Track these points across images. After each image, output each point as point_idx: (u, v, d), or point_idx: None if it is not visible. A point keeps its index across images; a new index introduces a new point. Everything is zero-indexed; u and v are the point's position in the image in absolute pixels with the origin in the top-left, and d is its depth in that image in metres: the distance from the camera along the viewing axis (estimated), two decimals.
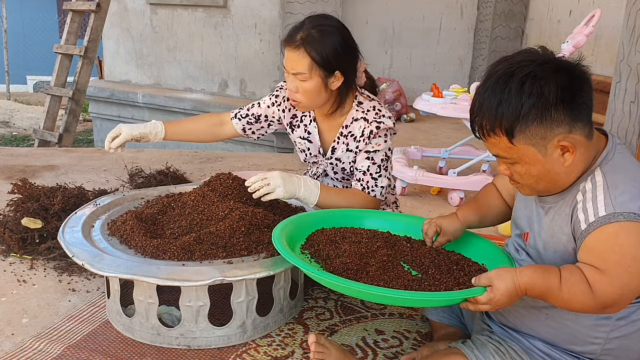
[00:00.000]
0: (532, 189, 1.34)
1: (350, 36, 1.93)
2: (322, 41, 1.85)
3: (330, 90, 1.93)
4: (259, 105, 2.17)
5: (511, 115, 1.22)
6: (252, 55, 6.03)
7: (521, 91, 1.20)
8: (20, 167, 3.58)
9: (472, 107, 1.30)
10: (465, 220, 1.62)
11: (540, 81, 1.20)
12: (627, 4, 2.83)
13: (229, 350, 1.67)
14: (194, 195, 1.90)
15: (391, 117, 1.99)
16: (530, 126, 1.22)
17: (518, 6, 5.96)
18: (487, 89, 1.26)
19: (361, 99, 2.02)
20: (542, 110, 1.20)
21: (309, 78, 1.87)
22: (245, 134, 2.20)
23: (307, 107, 1.99)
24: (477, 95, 1.29)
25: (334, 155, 2.08)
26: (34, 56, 13.82)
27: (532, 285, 1.23)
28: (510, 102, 1.21)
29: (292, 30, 1.90)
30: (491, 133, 1.26)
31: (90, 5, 5.47)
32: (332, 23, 1.90)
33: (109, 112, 6.78)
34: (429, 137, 4.82)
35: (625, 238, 1.17)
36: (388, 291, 1.35)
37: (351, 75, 1.96)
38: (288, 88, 1.94)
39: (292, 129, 2.15)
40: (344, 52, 1.89)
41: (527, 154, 1.25)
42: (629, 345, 1.31)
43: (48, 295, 1.96)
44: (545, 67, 1.22)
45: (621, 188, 1.21)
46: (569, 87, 1.21)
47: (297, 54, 1.86)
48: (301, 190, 1.90)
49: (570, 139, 1.23)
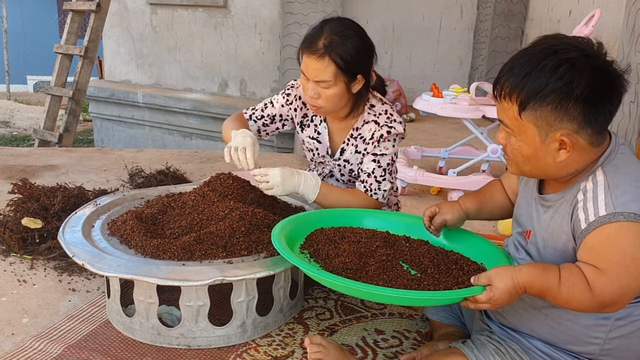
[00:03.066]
0: (518, 167, 1.34)
1: (368, 37, 1.91)
2: (346, 47, 1.81)
3: (352, 94, 1.92)
4: (272, 105, 2.13)
5: (532, 90, 1.21)
6: (252, 55, 6.03)
7: (554, 72, 1.19)
8: (20, 167, 3.58)
9: (504, 66, 1.29)
10: (464, 205, 1.63)
11: (575, 71, 1.18)
12: (627, 4, 2.83)
13: (229, 350, 1.67)
14: (194, 195, 1.90)
15: (402, 123, 1.98)
16: (544, 108, 1.21)
17: (518, 6, 5.96)
18: (525, 55, 1.25)
19: (373, 102, 2.01)
20: (562, 99, 1.19)
21: (333, 85, 1.84)
22: (259, 135, 2.17)
23: (329, 112, 1.96)
24: (514, 57, 1.27)
25: (342, 157, 2.08)
26: (34, 56, 13.82)
27: (531, 284, 1.23)
28: (539, 77, 1.20)
29: (311, 37, 1.85)
30: (507, 97, 1.26)
31: (90, 5, 5.47)
32: (351, 26, 1.87)
33: (109, 112, 6.78)
34: (429, 137, 4.82)
35: (626, 238, 1.17)
36: (388, 290, 1.36)
37: (370, 77, 1.95)
38: (308, 95, 1.90)
39: (302, 128, 2.14)
40: (365, 55, 1.87)
41: (528, 132, 1.25)
42: (628, 346, 1.32)
43: (48, 295, 1.96)
44: (588, 60, 1.20)
45: (622, 188, 1.20)
46: (597, 91, 1.19)
47: (321, 63, 1.81)
48: (300, 187, 1.90)
49: (572, 138, 1.22)
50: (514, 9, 5.96)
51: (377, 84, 2.10)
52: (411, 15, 6.24)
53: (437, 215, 1.62)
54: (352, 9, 6.00)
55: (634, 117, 2.77)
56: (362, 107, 2.00)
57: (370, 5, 6.16)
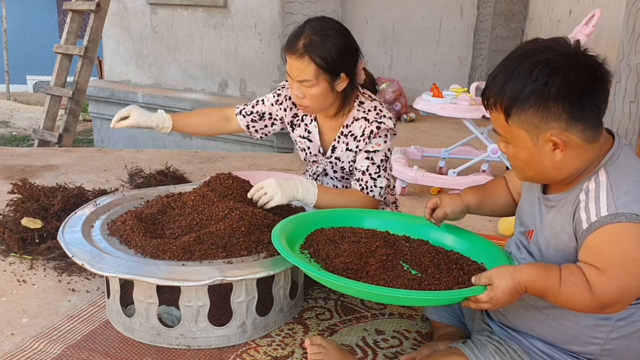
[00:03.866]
0: (522, 173, 1.35)
1: (351, 36, 1.93)
2: (326, 46, 1.83)
3: (337, 92, 1.93)
4: (262, 102, 2.17)
5: (512, 96, 1.23)
6: (252, 55, 6.03)
7: (529, 75, 1.21)
8: (20, 167, 3.58)
9: (488, 77, 1.31)
10: (465, 199, 1.63)
11: (550, 70, 1.19)
12: (627, 4, 2.83)
13: (229, 350, 1.67)
14: (193, 195, 1.90)
15: (392, 118, 2.00)
16: (527, 111, 1.22)
17: (518, 6, 5.96)
18: (504, 64, 1.27)
19: (362, 99, 2.02)
20: (541, 100, 1.20)
21: (316, 84, 1.86)
22: (248, 131, 2.21)
23: (316, 111, 1.99)
24: (496, 67, 1.30)
25: (333, 155, 2.09)
26: (34, 56, 13.82)
27: (531, 283, 1.23)
28: (516, 82, 1.22)
29: (292, 37, 1.87)
30: (493, 107, 1.28)
31: (90, 5, 5.47)
32: (332, 26, 1.89)
33: (109, 112, 6.77)
34: (429, 137, 4.82)
35: (627, 239, 1.16)
36: (389, 290, 1.35)
37: (355, 75, 1.96)
38: (294, 94, 1.92)
39: (293, 127, 2.16)
40: (347, 54, 1.89)
41: (519, 138, 1.27)
42: (628, 346, 1.31)
43: (48, 295, 1.96)
44: (562, 58, 1.21)
45: (624, 189, 1.20)
46: (576, 86, 1.20)
47: (301, 62, 1.84)
48: (299, 192, 1.91)
49: (563, 137, 1.22)
50: (514, 9, 5.96)
51: (367, 83, 2.10)
52: (411, 15, 6.24)
53: (439, 208, 1.63)
54: (352, 9, 5.99)
55: (634, 117, 2.77)
56: (351, 105, 2.01)
57: (370, 5, 6.16)
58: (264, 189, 1.88)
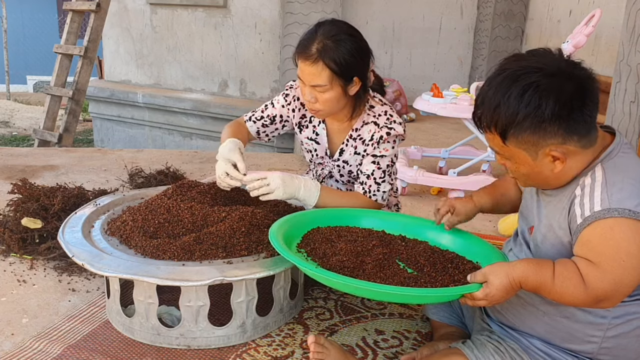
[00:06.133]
0: (525, 183, 1.40)
1: (363, 39, 1.90)
2: (340, 51, 1.80)
3: (349, 96, 1.91)
4: (272, 105, 2.12)
5: (506, 120, 1.25)
6: (252, 55, 6.03)
7: (520, 99, 1.22)
8: (20, 167, 3.58)
9: (477, 99, 1.33)
10: (479, 202, 1.65)
11: (541, 93, 1.21)
12: (627, 4, 2.83)
13: (229, 350, 1.67)
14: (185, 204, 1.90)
15: (402, 124, 1.97)
16: (524, 134, 1.25)
17: (518, 6, 5.96)
18: (491, 87, 1.28)
19: (373, 103, 2.00)
20: (536, 123, 1.23)
21: (330, 89, 1.84)
22: (259, 136, 2.16)
23: (327, 115, 1.96)
24: (483, 89, 1.31)
25: (341, 158, 2.07)
26: (34, 56, 13.81)
27: (525, 279, 1.24)
28: (508, 107, 1.24)
29: (304, 41, 1.84)
30: (487, 130, 1.31)
31: (90, 5, 5.47)
32: (345, 30, 1.86)
33: (109, 112, 6.78)
34: (429, 137, 4.82)
35: (620, 233, 1.18)
36: (386, 287, 1.36)
37: (367, 79, 1.94)
38: (306, 99, 1.90)
39: (301, 129, 2.14)
40: (360, 58, 1.87)
41: (518, 155, 1.29)
42: (626, 345, 1.32)
43: (48, 295, 1.96)
44: (552, 79, 1.22)
45: (619, 185, 1.22)
46: (568, 104, 1.22)
47: (315, 68, 1.81)
48: (301, 192, 1.90)
49: (562, 150, 1.25)
50: (514, 9, 5.95)
51: (376, 85, 2.09)
52: (411, 15, 6.23)
53: (453, 216, 1.66)
54: (352, 9, 5.99)
55: (634, 117, 2.77)
56: (361, 109, 2.00)
57: (370, 6, 6.15)
58: (267, 180, 1.86)
